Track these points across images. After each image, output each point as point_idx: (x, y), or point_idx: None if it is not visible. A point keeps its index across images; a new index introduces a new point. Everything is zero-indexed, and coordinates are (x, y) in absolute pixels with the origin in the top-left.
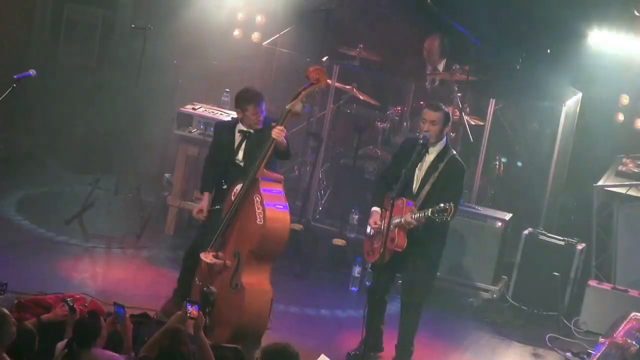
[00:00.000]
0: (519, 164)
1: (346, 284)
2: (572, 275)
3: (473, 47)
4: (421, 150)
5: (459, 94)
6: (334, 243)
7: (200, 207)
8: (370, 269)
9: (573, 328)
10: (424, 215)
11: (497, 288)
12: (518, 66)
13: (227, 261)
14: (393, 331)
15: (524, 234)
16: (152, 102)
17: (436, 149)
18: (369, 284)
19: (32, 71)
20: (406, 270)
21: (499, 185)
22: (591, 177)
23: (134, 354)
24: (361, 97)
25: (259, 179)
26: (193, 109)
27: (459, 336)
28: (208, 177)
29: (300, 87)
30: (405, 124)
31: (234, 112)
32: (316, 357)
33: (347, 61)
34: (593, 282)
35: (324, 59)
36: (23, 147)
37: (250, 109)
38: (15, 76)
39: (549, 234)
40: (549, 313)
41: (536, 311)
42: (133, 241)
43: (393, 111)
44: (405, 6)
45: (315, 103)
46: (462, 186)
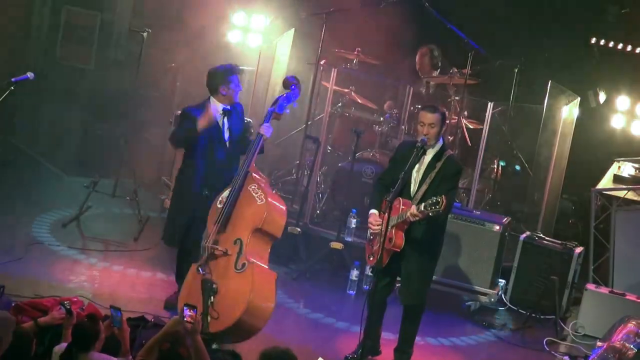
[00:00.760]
0: (517, 167)
1: (344, 288)
2: (570, 278)
3: (471, 51)
4: (419, 152)
5: (456, 98)
6: (331, 246)
7: None
8: (371, 272)
9: (571, 332)
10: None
11: (494, 291)
12: (516, 70)
13: (229, 249)
14: (390, 334)
15: (521, 237)
16: (150, 105)
17: (434, 149)
18: (367, 287)
19: (30, 74)
20: (405, 272)
21: (497, 188)
22: (589, 181)
23: (131, 357)
24: (359, 101)
25: (251, 172)
26: None
27: (456, 340)
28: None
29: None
30: (403, 127)
31: None
32: None
33: (345, 64)
34: (591, 286)
35: (322, 62)
36: (17, 150)
37: (236, 80)
38: (13, 79)
39: (546, 238)
40: (547, 317)
41: (534, 315)
42: (130, 244)
43: (388, 106)
44: (403, 10)
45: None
46: (457, 184)
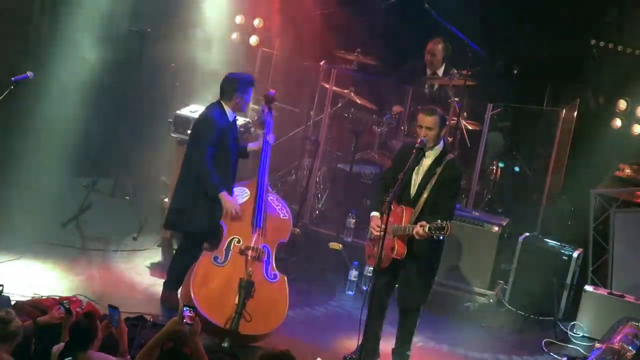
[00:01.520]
0: (516, 168)
1: (342, 288)
2: (569, 280)
3: (471, 52)
4: (418, 154)
5: (456, 99)
6: (330, 247)
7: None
8: (372, 272)
9: (569, 333)
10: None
11: (493, 293)
12: (515, 71)
13: (260, 255)
14: (389, 335)
15: (520, 238)
16: (149, 105)
17: (433, 153)
18: (365, 287)
19: (30, 73)
20: (404, 275)
21: (496, 189)
22: (588, 183)
23: (129, 357)
24: (358, 101)
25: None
26: (190, 111)
27: (455, 341)
28: (217, 177)
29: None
30: (403, 128)
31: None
32: None
33: (344, 65)
34: (589, 287)
35: (321, 63)
36: (16, 149)
37: (251, 92)
38: (13, 78)
39: (545, 239)
40: (546, 318)
41: (532, 316)
42: (130, 244)
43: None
44: (403, 11)
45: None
46: (458, 191)
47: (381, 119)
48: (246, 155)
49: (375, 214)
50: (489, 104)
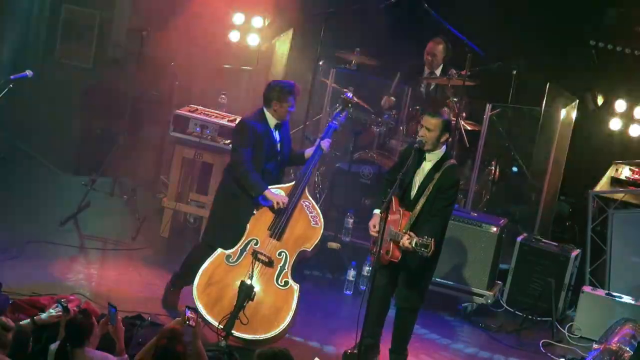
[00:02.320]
0: (514, 169)
1: (340, 288)
2: (567, 281)
3: (470, 52)
4: (415, 154)
5: (455, 99)
6: (328, 246)
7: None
8: (371, 269)
9: (567, 334)
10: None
11: (491, 293)
12: (514, 72)
13: (274, 260)
14: (388, 334)
15: (518, 239)
16: (149, 104)
17: (434, 157)
18: (363, 287)
19: (29, 72)
20: (402, 276)
21: (494, 190)
22: (586, 183)
23: (127, 355)
24: (357, 101)
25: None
26: (190, 111)
27: (453, 341)
28: (257, 176)
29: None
30: (402, 128)
31: (229, 114)
32: None
33: (343, 65)
34: (587, 288)
35: (320, 63)
36: (15, 148)
37: (291, 102)
38: (12, 76)
39: (543, 240)
40: (543, 319)
41: (530, 317)
42: (128, 243)
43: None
44: (402, 11)
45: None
46: (455, 198)
47: (380, 119)
48: (303, 161)
49: (376, 211)
50: (487, 105)
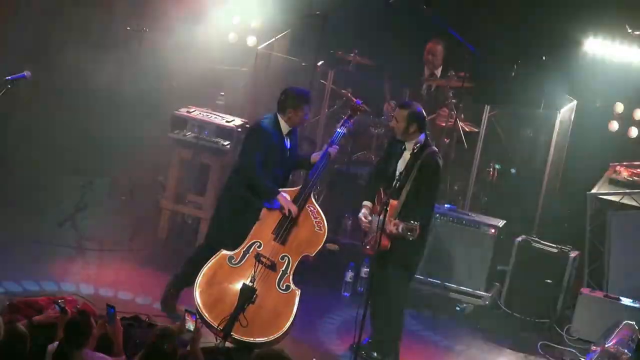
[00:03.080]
0: (513, 171)
1: (339, 289)
2: (565, 282)
3: (468, 54)
4: (396, 145)
5: (454, 100)
6: (327, 248)
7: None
8: (369, 263)
9: (565, 336)
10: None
11: (489, 295)
12: (513, 73)
13: (277, 264)
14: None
15: (516, 241)
16: (147, 105)
17: (411, 146)
18: (361, 289)
19: (27, 72)
20: (386, 270)
21: (493, 191)
22: (585, 185)
23: (125, 356)
24: (355, 98)
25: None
26: (188, 112)
27: (451, 342)
28: (269, 181)
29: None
30: None
31: (227, 115)
32: None
33: (342, 66)
34: (585, 290)
35: (319, 64)
36: (12, 149)
37: (306, 110)
38: (9, 77)
39: (542, 241)
40: (541, 320)
41: (528, 318)
42: (125, 244)
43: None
44: (401, 12)
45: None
46: (436, 183)
47: (378, 120)
48: (309, 166)
49: (366, 202)
50: (486, 106)
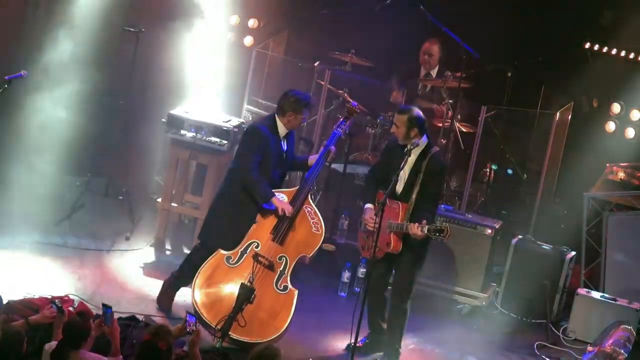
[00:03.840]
0: (509, 171)
1: (335, 290)
2: (561, 283)
3: (465, 54)
4: (398, 149)
5: (450, 101)
6: (323, 248)
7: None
8: (366, 263)
9: (561, 336)
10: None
11: (486, 295)
12: (510, 74)
13: (275, 264)
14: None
15: (513, 241)
16: (144, 105)
17: (418, 149)
18: (358, 289)
19: (24, 72)
20: (396, 272)
21: (489, 192)
22: (581, 186)
23: (121, 356)
24: (351, 100)
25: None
26: (184, 112)
27: (447, 343)
28: (266, 184)
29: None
30: None
31: (224, 115)
32: None
33: (339, 66)
34: (582, 291)
35: (315, 64)
36: (9, 148)
37: (306, 114)
38: (7, 77)
39: (538, 242)
40: (538, 321)
41: (525, 319)
42: (123, 244)
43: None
44: (398, 12)
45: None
46: (442, 185)
47: (375, 120)
48: (306, 167)
49: (369, 205)
50: (482, 107)
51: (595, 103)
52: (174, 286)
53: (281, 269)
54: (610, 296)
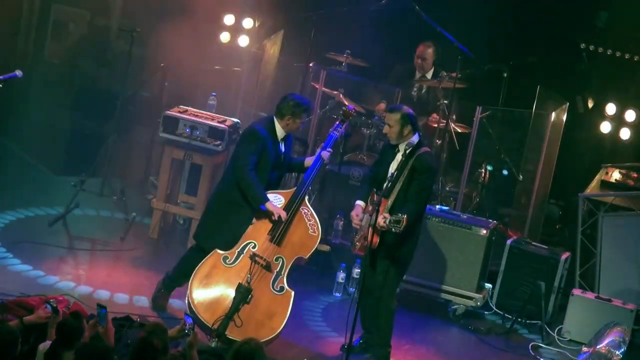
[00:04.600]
0: (504, 172)
1: (330, 290)
2: (556, 284)
3: (460, 55)
4: (389, 148)
5: (445, 101)
6: (318, 249)
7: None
8: (360, 263)
9: (556, 337)
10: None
11: (480, 296)
12: (505, 74)
13: (271, 265)
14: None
15: (508, 242)
16: (139, 105)
17: (407, 147)
18: (352, 289)
19: (19, 72)
20: (376, 270)
21: (484, 193)
22: (576, 186)
23: (116, 357)
24: (347, 103)
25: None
26: (179, 112)
27: (442, 343)
28: (261, 187)
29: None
30: None
31: (219, 115)
32: None
33: (334, 67)
34: (577, 291)
35: (311, 65)
36: (3, 148)
37: (304, 118)
38: (1, 77)
39: (533, 243)
40: (533, 321)
41: (520, 319)
42: (117, 244)
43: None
44: (393, 13)
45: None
46: (428, 183)
47: (370, 121)
48: (302, 169)
49: (359, 202)
50: (478, 107)
51: (591, 103)
52: (169, 286)
53: (278, 269)
54: (605, 297)
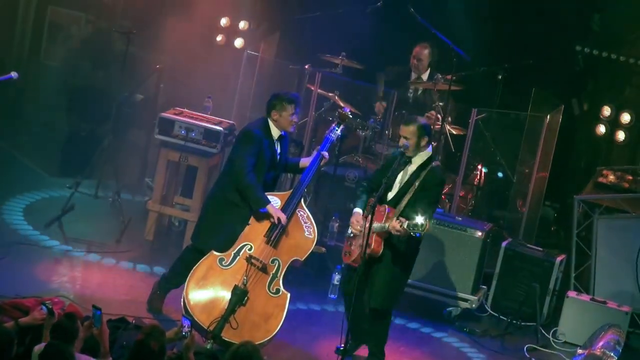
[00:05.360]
0: (500, 174)
1: (325, 292)
2: (551, 286)
3: (456, 57)
4: (401, 159)
5: (440, 104)
6: (313, 250)
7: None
8: (345, 269)
9: (551, 339)
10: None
11: (476, 298)
12: (500, 76)
13: (268, 267)
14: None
15: (503, 244)
16: (134, 106)
17: (419, 159)
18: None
19: (14, 73)
20: (377, 276)
21: (480, 195)
22: (571, 189)
23: (111, 358)
24: (343, 105)
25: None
26: (175, 114)
27: (437, 346)
28: (261, 189)
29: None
30: (387, 132)
31: (215, 117)
32: None
33: (329, 69)
34: (572, 293)
35: (306, 66)
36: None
37: (291, 110)
38: None
39: (528, 245)
40: (528, 323)
41: (515, 321)
42: (112, 246)
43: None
44: (388, 15)
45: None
46: (438, 198)
47: (365, 123)
48: (298, 170)
49: (358, 210)
50: (473, 109)
51: (586, 106)
52: (164, 288)
53: (274, 272)
54: (600, 299)
